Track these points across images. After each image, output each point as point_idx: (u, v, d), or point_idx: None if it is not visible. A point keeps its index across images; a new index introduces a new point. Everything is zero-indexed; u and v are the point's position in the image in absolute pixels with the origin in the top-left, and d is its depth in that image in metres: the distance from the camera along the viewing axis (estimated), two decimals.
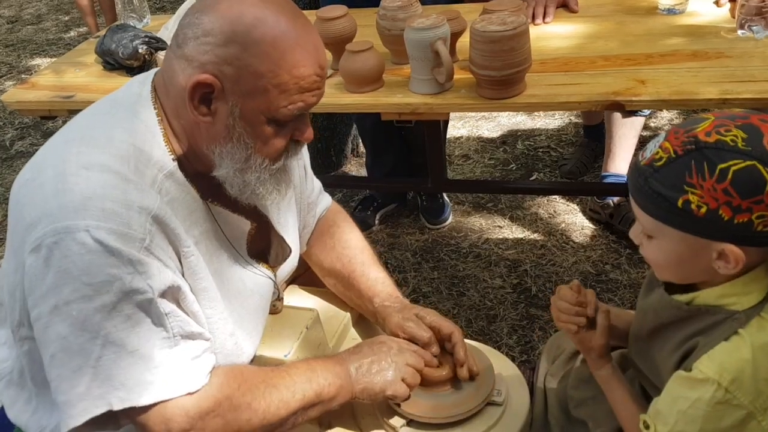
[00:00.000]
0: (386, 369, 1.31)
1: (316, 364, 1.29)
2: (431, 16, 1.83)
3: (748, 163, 0.97)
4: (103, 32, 2.37)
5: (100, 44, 2.22)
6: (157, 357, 1.11)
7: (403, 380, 1.31)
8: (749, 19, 1.90)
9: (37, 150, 1.25)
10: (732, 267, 1.03)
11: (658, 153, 1.03)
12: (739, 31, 1.92)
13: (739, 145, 0.98)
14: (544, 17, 2.18)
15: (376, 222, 3.00)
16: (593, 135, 3.14)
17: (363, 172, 3.40)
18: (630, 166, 1.09)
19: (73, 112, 2.48)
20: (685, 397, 1.05)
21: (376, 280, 1.50)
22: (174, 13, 2.42)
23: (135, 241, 1.08)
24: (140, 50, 2.08)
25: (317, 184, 1.59)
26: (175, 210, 1.16)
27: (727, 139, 0.99)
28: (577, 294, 1.30)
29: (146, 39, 2.12)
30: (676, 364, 1.10)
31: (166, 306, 1.12)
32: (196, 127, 1.16)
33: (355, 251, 1.54)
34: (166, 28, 2.28)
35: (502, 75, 1.73)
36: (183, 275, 1.18)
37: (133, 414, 1.11)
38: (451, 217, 2.95)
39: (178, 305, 1.15)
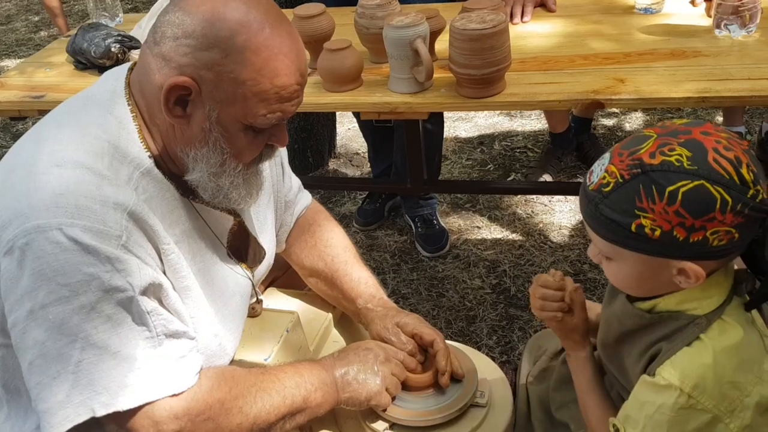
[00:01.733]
0: (371, 378, 1.29)
1: (303, 369, 1.26)
2: (410, 15, 1.81)
3: (696, 183, 0.96)
4: (73, 31, 2.32)
5: (71, 43, 2.17)
6: (140, 358, 1.07)
7: (386, 389, 1.29)
8: (726, 18, 1.91)
9: (5, 152, 1.21)
10: (693, 281, 1.02)
11: (605, 178, 1.02)
12: (716, 30, 1.94)
13: (685, 164, 0.97)
14: (522, 16, 2.18)
15: (385, 213, 2.98)
16: (559, 142, 3.12)
17: (341, 173, 3.38)
18: (580, 190, 1.07)
19: (43, 113, 2.42)
20: (651, 402, 1.04)
21: (359, 281, 1.48)
22: (147, 12, 2.38)
23: (111, 238, 1.04)
24: (113, 49, 2.04)
25: (296, 182, 1.57)
26: (153, 208, 1.13)
27: (672, 159, 0.97)
28: (560, 280, 1.29)
29: (119, 38, 2.08)
30: (643, 369, 1.09)
31: (147, 304, 1.08)
32: (171, 129, 1.13)
33: (337, 250, 1.52)
34: (140, 26, 2.24)
35: (482, 74, 1.72)
36: (164, 273, 1.14)
37: (118, 418, 1.07)
38: (448, 245, 2.79)
39: (161, 303, 1.12)
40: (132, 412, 1.07)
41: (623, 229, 1.01)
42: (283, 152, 1.49)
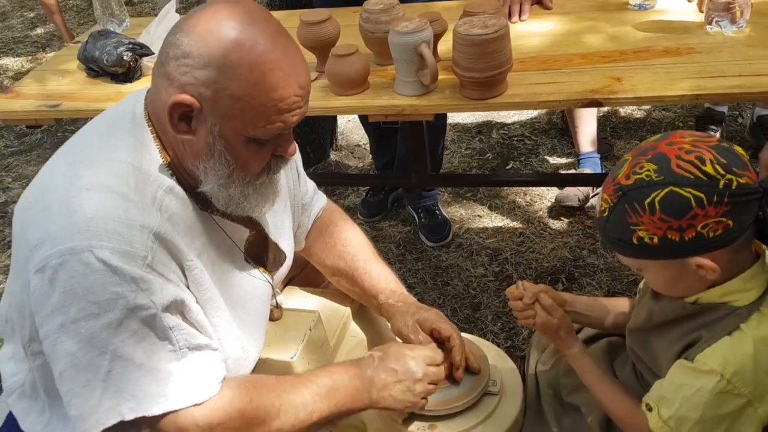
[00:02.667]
0: (407, 395, 1.34)
1: (340, 383, 1.30)
2: (414, 20, 1.88)
3: (666, 190, 1.08)
4: (83, 38, 2.38)
5: (83, 51, 2.22)
6: (164, 369, 1.15)
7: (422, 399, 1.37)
8: (717, 15, 1.98)
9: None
10: (713, 273, 1.12)
11: (602, 206, 1.16)
12: (708, 27, 2.01)
13: (653, 177, 1.09)
14: (520, 15, 2.25)
15: (389, 205, 3.06)
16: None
17: (343, 166, 3.45)
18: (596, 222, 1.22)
19: (59, 121, 2.48)
20: (689, 385, 1.14)
21: (379, 277, 1.55)
22: (152, 17, 2.43)
23: (137, 259, 1.12)
24: (125, 57, 2.10)
25: (311, 185, 1.64)
26: (175, 225, 1.20)
27: (643, 175, 1.10)
28: (520, 290, 1.41)
29: (130, 45, 2.14)
30: (678, 353, 1.19)
31: (170, 320, 1.16)
32: (179, 144, 1.20)
33: (356, 248, 1.59)
34: (148, 32, 2.29)
35: (485, 76, 1.79)
36: (188, 287, 1.22)
37: (145, 423, 1.15)
38: (451, 234, 2.88)
39: (183, 318, 1.19)
40: (157, 419, 1.15)
41: (628, 244, 1.13)
42: (298, 158, 1.57)
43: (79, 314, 1.10)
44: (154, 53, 2.18)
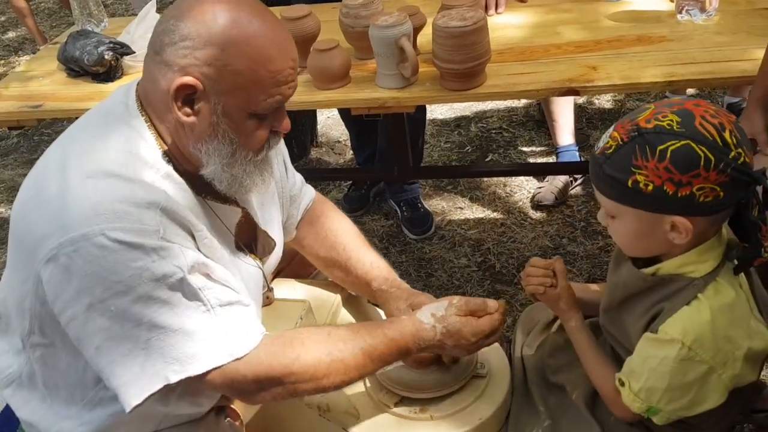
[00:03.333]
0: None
1: (394, 347, 1.31)
2: (393, 14, 1.91)
3: (683, 142, 1.10)
4: (62, 38, 2.38)
5: (63, 51, 2.23)
6: (200, 330, 1.18)
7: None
8: (687, 4, 2.04)
9: None
10: (684, 237, 1.16)
11: (608, 142, 1.17)
12: (678, 16, 2.07)
13: (675, 127, 1.12)
14: (496, 8, 2.29)
15: (371, 199, 3.09)
16: None
17: (324, 162, 3.47)
18: (590, 158, 1.22)
19: (42, 122, 2.48)
20: (654, 356, 1.18)
21: (372, 264, 1.59)
22: (129, 17, 2.44)
23: (151, 234, 1.14)
24: (106, 56, 2.11)
25: (299, 177, 1.67)
26: (178, 204, 1.22)
27: (664, 123, 1.12)
28: (549, 264, 1.43)
29: (111, 45, 2.14)
30: (644, 327, 1.23)
31: (198, 280, 1.18)
32: (181, 129, 1.22)
33: (347, 238, 1.63)
34: (128, 32, 2.30)
35: (464, 68, 1.83)
36: (202, 253, 1.24)
37: (192, 382, 1.19)
38: (433, 227, 2.91)
39: (209, 278, 1.22)
40: (203, 377, 1.18)
41: (621, 185, 1.14)
42: (284, 151, 1.59)
43: (105, 293, 1.12)
44: (135, 52, 2.19)
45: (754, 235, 1.14)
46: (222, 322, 1.20)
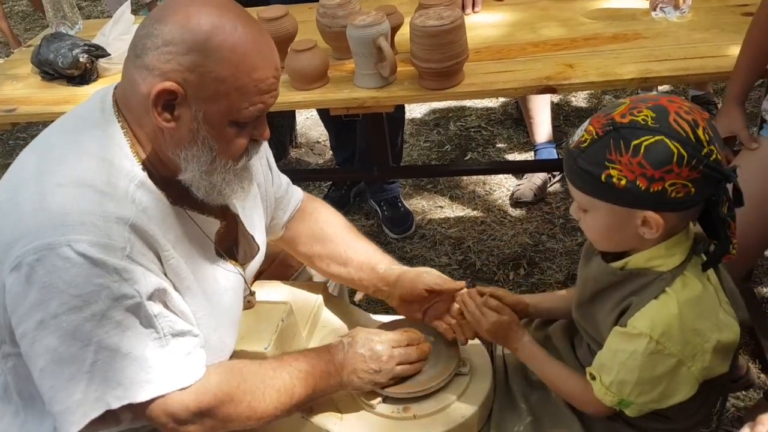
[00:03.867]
0: (375, 376, 1.40)
1: (316, 367, 1.36)
2: (371, 13, 1.91)
3: (657, 138, 1.11)
4: (36, 41, 2.35)
5: (36, 54, 2.20)
6: (150, 357, 1.17)
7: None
8: (661, 2, 2.07)
9: None
10: (654, 232, 1.17)
11: (583, 136, 1.17)
12: (653, 13, 2.09)
13: (649, 123, 1.12)
14: (473, 7, 2.30)
15: (351, 200, 3.09)
16: None
17: (303, 162, 3.46)
18: (564, 152, 1.22)
19: (16, 126, 2.44)
20: (623, 350, 1.19)
21: (375, 251, 1.61)
22: (105, 19, 2.41)
23: (117, 251, 1.13)
24: (81, 59, 2.08)
25: (284, 178, 1.66)
26: (149, 217, 1.21)
27: (639, 118, 1.13)
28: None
29: (86, 47, 2.12)
30: (614, 321, 1.24)
31: (154, 308, 1.17)
32: (160, 134, 1.20)
33: (343, 230, 1.64)
34: (103, 34, 2.28)
35: (442, 67, 1.84)
36: (166, 276, 1.23)
37: (134, 410, 1.17)
38: (414, 226, 2.93)
39: (166, 306, 1.21)
40: (146, 405, 1.17)
41: (595, 179, 1.15)
42: (268, 153, 1.58)
43: (60, 308, 1.10)
44: (110, 54, 2.17)
45: (723, 232, 1.15)
46: (172, 351, 1.20)
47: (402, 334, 1.47)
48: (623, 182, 1.13)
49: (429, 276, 1.53)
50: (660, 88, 3.40)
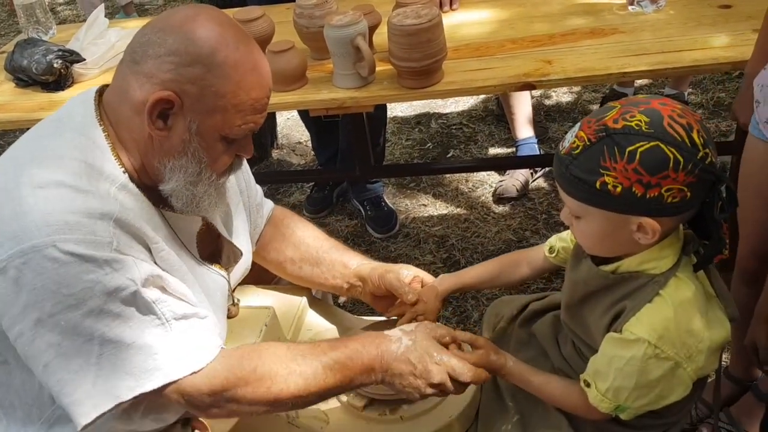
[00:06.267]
0: (415, 391, 1.27)
1: (357, 360, 1.25)
2: (348, 13, 1.90)
3: (653, 143, 1.09)
4: (9, 47, 2.31)
5: (9, 61, 2.17)
6: (155, 344, 1.15)
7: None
8: None
9: None
10: (650, 237, 1.16)
11: (575, 142, 1.15)
12: (630, 7, 2.10)
13: (643, 128, 1.10)
14: (451, 4, 2.29)
15: (334, 200, 3.08)
16: None
17: (285, 164, 3.45)
18: (554, 157, 1.21)
19: None
20: (620, 356, 1.18)
21: (347, 250, 1.61)
22: (79, 23, 2.38)
23: (104, 246, 1.11)
24: (55, 65, 2.05)
25: (259, 188, 1.66)
26: (134, 216, 1.19)
27: (633, 123, 1.11)
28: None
29: (60, 53, 2.09)
30: (607, 326, 1.23)
31: (151, 294, 1.16)
32: (149, 142, 1.20)
33: (314, 233, 1.64)
34: (77, 38, 2.25)
35: (421, 65, 1.83)
36: (158, 266, 1.21)
37: (148, 398, 1.16)
38: (398, 225, 2.90)
39: (164, 291, 1.19)
40: (159, 392, 1.15)
41: (589, 186, 1.13)
42: (245, 164, 1.57)
43: (55, 308, 1.09)
44: (85, 59, 2.14)
45: (716, 233, 1.14)
46: (177, 335, 1.18)
47: (468, 366, 1.29)
48: (618, 189, 1.11)
49: (392, 275, 1.53)
50: (638, 82, 3.42)
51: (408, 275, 1.53)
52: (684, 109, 1.14)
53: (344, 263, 1.58)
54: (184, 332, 1.19)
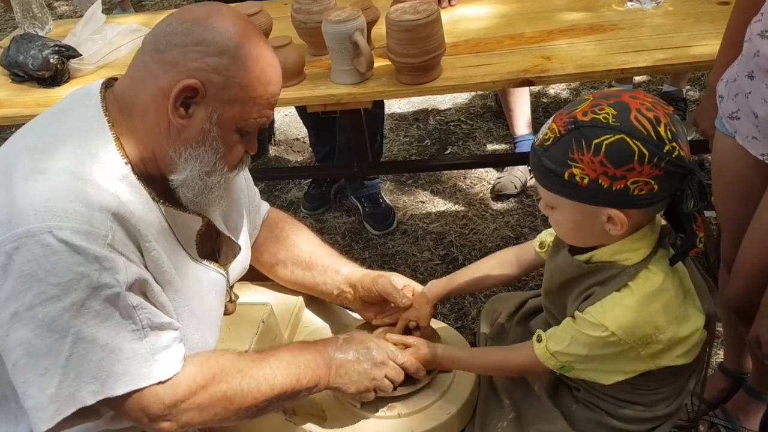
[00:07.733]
0: (364, 379, 1.36)
1: (300, 356, 1.33)
2: (346, 9, 1.89)
3: (618, 136, 1.11)
4: (5, 43, 2.30)
5: (6, 56, 2.16)
6: (127, 349, 1.15)
7: (375, 389, 1.37)
8: None
9: None
10: (619, 229, 1.18)
11: (547, 134, 1.17)
12: (629, 4, 2.09)
13: (610, 121, 1.12)
14: (449, 0, 2.28)
15: (332, 197, 3.07)
16: None
17: (283, 160, 3.44)
18: (530, 150, 1.24)
19: None
20: (579, 330, 1.22)
21: (339, 257, 1.61)
22: (75, 19, 2.37)
23: (98, 239, 1.11)
24: (52, 60, 2.04)
25: (256, 189, 1.65)
26: (131, 210, 1.19)
27: (600, 116, 1.13)
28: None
29: (56, 48, 2.08)
30: (577, 307, 1.26)
31: (133, 299, 1.16)
32: (165, 129, 1.20)
33: (308, 237, 1.64)
34: (74, 34, 2.24)
35: (419, 61, 1.82)
36: (147, 269, 1.21)
37: (109, 405, 1.15)
38: (396, 222, 2.91)
39: (146, 298, 1.19)
40: (121, 400, 1.15)
41: (558, 177, 1.15)
42: None
43: (36, 299, 1.08)
44: (81, 55, 2.13)
45: (689, 226, 1.16)
46: (150, 344, 1.18)
47: (403, 353, 1.41)
48: (586, 181, 1.13)
49: (385, 280, 1.53)
50: (637, 78, 3.42)
51: (400, 282, 1.54)
52: (655, 103, 1.15)
53: (336, 269, 1.58)
54: (158, 341, 1.19)
